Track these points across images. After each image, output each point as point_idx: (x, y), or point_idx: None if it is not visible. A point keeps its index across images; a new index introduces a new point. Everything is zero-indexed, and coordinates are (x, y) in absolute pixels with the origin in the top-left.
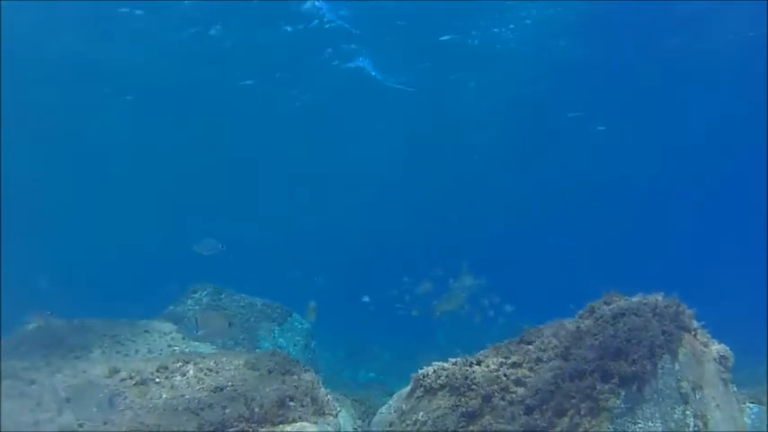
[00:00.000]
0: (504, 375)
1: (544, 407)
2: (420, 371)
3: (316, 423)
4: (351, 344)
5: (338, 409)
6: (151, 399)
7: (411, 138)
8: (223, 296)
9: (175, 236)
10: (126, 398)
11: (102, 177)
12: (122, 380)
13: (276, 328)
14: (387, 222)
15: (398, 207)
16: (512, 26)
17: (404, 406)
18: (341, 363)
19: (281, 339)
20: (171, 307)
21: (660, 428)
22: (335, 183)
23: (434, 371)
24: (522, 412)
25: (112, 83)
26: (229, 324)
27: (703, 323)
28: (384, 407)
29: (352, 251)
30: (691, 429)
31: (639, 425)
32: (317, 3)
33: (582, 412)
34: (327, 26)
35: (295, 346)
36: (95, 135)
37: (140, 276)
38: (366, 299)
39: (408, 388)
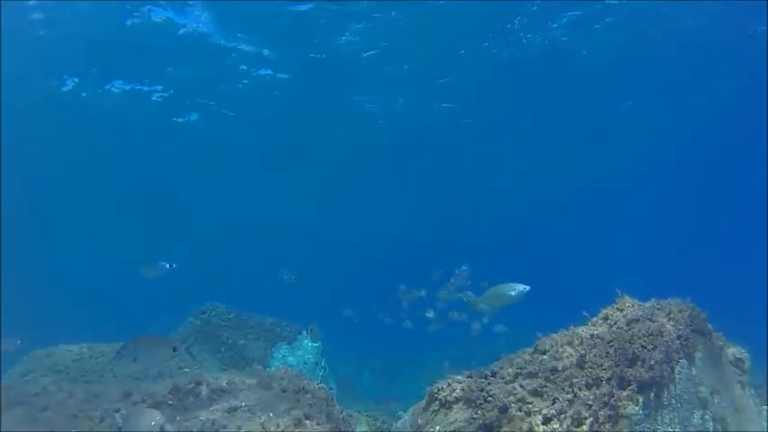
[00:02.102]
0: (520, 386)
1: (562, 416)
2: (434, 384)
3: None
4: (360, 359)
5: (354, 425)
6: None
7: (404, 140)
8: (232, 316)
9: (193, 255)
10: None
11: (130, 197)
12: (135, 403)
13: (286, 346)
14: (381, 231)
15: (394, 215)
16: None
17: (419, 420)
18: (351, 379)
19: (291, 358)
20: (180, 328)
21: None
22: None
23: (449, 384)
24: (540, 422)
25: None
26: (174, 349)
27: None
28: (399, 422)
29: (349, 264)
30: None
31: (659, 431)
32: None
33: (600, 420)
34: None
35: (305, 363)
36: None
37: (156, 297)
38: (352, 315)
39: (423, 402)
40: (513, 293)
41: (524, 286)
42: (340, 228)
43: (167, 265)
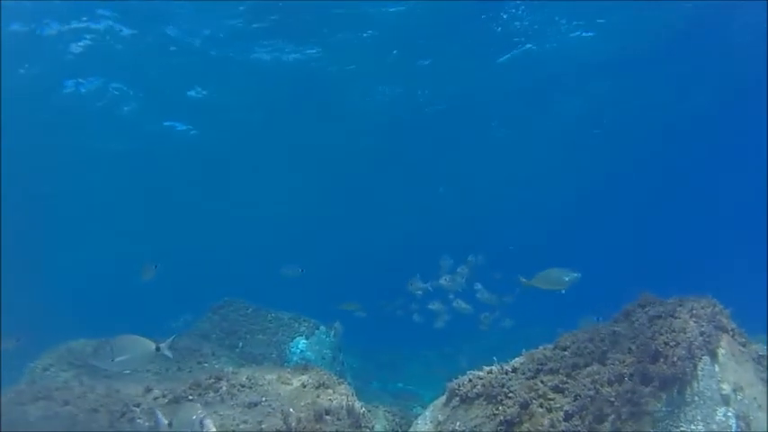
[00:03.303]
0: (542, 382)
1: (584, 412)
2: (455, 380)
3: None
4: (376, 354)
5: (373, 421)
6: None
7: (402, 137)
8: (250, 311)
9: (209, 252)
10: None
11: (131, 196)
12: (156, 398)
13: (304, 341)
14: (383, 231)
15: (395, 215)
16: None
17: (440, 416)
18: (369, 373)
19: (309, 352)
20: (198, 323)
21: (703, 431)
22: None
23: (470, 380)
24: (561, 419)
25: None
26: (157, 348)
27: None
28: (420, 417)
29: (355, 262)
30: (733, 431)
31: (682, 428)
32: None
33: (623, 417)
34: None
35: (323, 358)
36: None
37: (176, 293)
38: (359, 310)
39: (443, 397)
40: (566, 278)
41: (576, 273)
42: (343, 227)
43: (153, 266)
